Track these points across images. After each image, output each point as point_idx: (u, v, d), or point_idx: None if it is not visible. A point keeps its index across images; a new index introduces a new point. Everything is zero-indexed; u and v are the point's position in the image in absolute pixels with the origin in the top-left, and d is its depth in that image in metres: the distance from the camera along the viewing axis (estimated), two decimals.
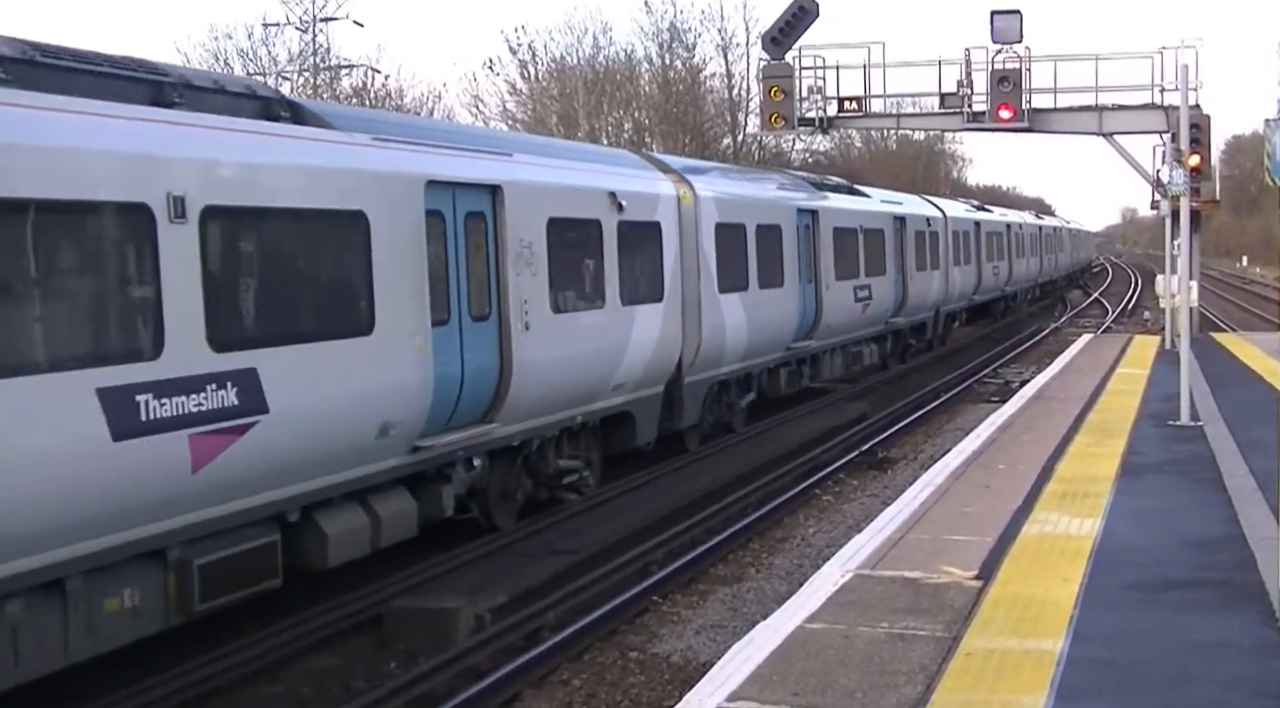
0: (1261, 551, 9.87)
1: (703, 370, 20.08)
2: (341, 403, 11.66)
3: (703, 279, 19.75)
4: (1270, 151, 8.11)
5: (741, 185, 23.28)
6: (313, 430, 11.28)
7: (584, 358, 15.99)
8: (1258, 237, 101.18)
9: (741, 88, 70.55)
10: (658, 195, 18.54)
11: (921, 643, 8.03)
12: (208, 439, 10.16)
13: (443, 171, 13.46)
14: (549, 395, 15.16)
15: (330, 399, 11.52)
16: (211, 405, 10.18)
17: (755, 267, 22.13)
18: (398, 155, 12.83)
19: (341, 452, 11.78)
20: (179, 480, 9.98)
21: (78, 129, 9.43)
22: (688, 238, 19.36)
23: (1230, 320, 48.83)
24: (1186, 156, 21.86)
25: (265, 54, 50.04)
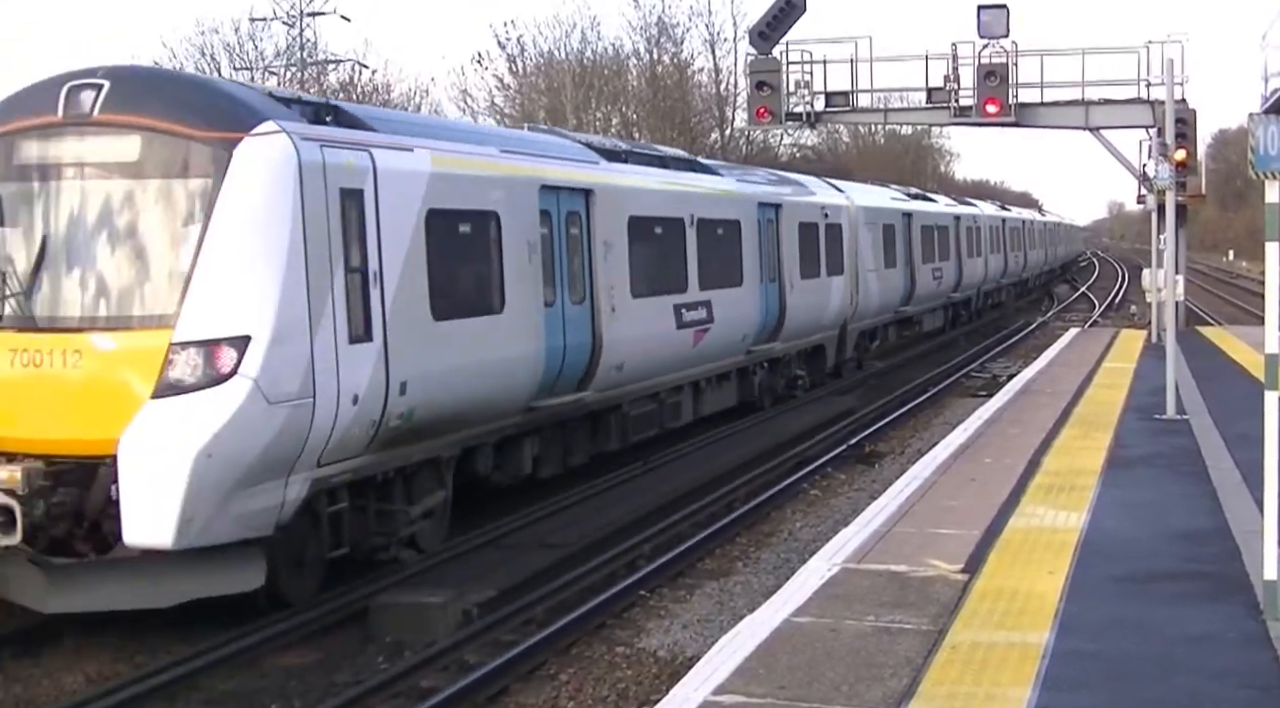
0: (1246, 543, 9.90)
1: (860, 320, 29.93)
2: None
3: (862, 255, 29.81)
4: (1255, 146, 8.12)
5: (869, 196, 33.14)
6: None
7: (663, 336, 19.42)
8: (1244, 231, 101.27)
9: (729, 83, 70.50)
10: (761, 198, 24.27)
11: (907, 636, 8.04)
12: (698, 333, 20.31)
13: (551, 177, 16.29)
14: (651, 365, 19.02)
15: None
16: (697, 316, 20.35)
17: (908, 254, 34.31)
18: (519, 163, 15.79)
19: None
20: (684, 348, 19.99)
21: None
22: (783, 236, 24.87)
23: (1216, 314, 48.96)
24: (1172, 151, 21.87)
25: (252, 49, 49.93)
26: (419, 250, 13.39)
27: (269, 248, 11.49)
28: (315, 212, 11.85)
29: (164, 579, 11.46)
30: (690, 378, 20.59)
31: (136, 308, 11.47)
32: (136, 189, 11.61)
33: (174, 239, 11.52)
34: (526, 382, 15.44)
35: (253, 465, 11.22)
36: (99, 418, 11.08)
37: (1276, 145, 8.06)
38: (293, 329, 11.48)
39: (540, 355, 15.67)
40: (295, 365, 11.49)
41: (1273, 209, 8.28)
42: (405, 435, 13.18)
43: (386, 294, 12.73)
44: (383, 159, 12.97)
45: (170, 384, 11.04)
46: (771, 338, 23.94)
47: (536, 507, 16.18)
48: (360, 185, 12.59)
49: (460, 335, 14.03)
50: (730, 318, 21.66)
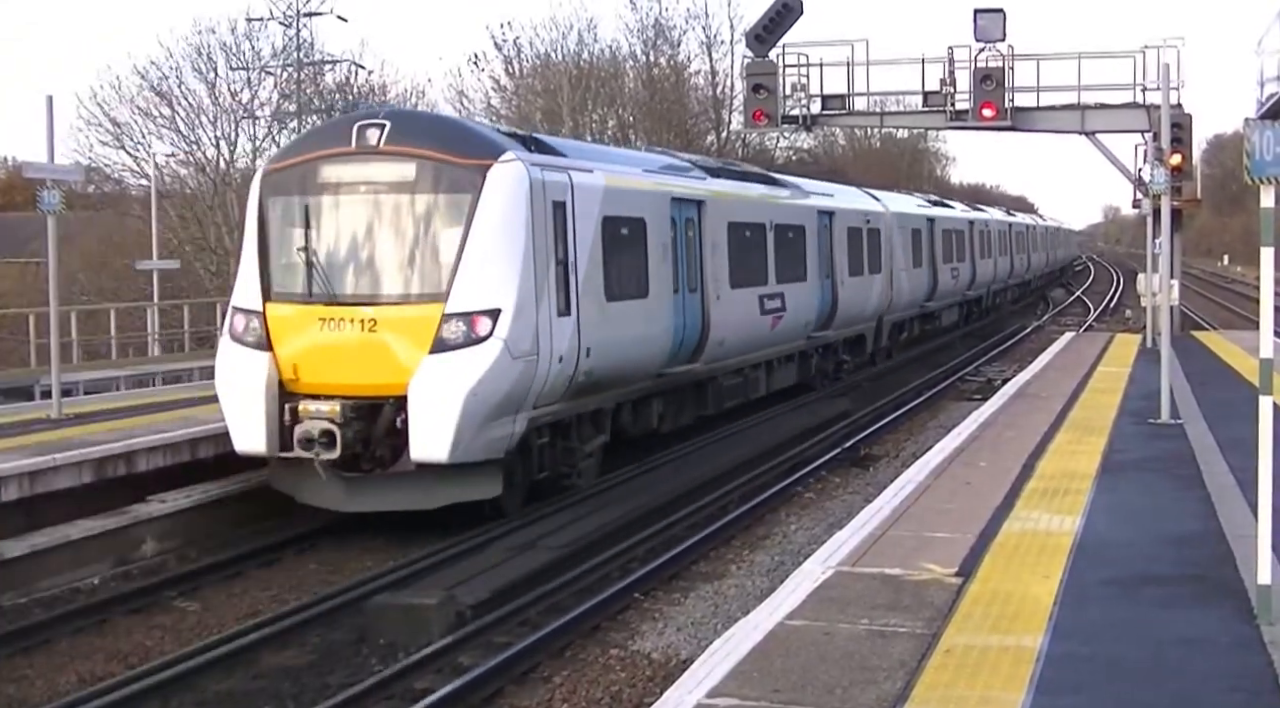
0: (1240, 547, 9.90)
1: (894, 313, 33.49)
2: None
3: (894, 256, 33.01)
4: (1250, 150, 8.13)
5: (900, 203, 36.99)
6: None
7: (751, 320, 23.06)
8: (1239, 235, 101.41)
9: (726, 85, 70.44)
10: (821, 208, 27.82)
11: (902, 640, 8.04)
12: (774, 319, 23.93)
13: (677, 191, 20.35)
14: (743, 343, 22.68)
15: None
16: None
17: (931, 255, 37.66)
18: (657, 180, 20.13)
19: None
20: (765, 331, 23.56)
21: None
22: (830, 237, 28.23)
23: (1211, 319, 48.99)
24: (1168, 155, 21.96)
25: (249, 49, 49.83)
26: (598, 247, 17.33)
27: (511, 245, 15.39)
28: (538, 218, 15.79)
29: (431, 488, 15.31)
30: (766, 357, 24.34)
31: (416, 288, 15.43)
32: (413, 201, 15.58)
33: (442, 238, 15.41)
34: (660, 352, 19.34)
35: (499, 404, 15.09)
36: (390, 369, 14.99)
37: (1272, 151, 8.06)
38: (526, 305, 15.35)
39: (669, 332, 19.54)
40: (528, 331, 15.36)
41: (1268, 214, 8.29)
42: (585, 389, 17.07)
43: (579, 280, 16.66)
44: (576, 178, 16.97)
45: (443, 343, 14.91)
46: (825, 326, 27.58)
47: (532, 509, 16.19)
48: (563, 198, 16.49)
49: (623, 313, 17.95)
50: (797, 307, 25.37)
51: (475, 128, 18.27)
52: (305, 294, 15.63)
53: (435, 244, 15.45)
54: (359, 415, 15.01)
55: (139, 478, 15.64)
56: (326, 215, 15.81)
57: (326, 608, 12.68)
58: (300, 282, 15.69)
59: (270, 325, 15.60)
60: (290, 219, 15.93)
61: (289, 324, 15.56)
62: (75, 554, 14.14)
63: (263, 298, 15.78)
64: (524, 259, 15.44)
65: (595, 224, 17.30)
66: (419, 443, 14.73)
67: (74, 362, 28.58)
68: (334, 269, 15.59)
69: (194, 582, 14.09)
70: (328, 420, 14.87)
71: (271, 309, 15.70)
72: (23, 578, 13.53)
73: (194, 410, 18.54)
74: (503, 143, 16.18)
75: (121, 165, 48.18)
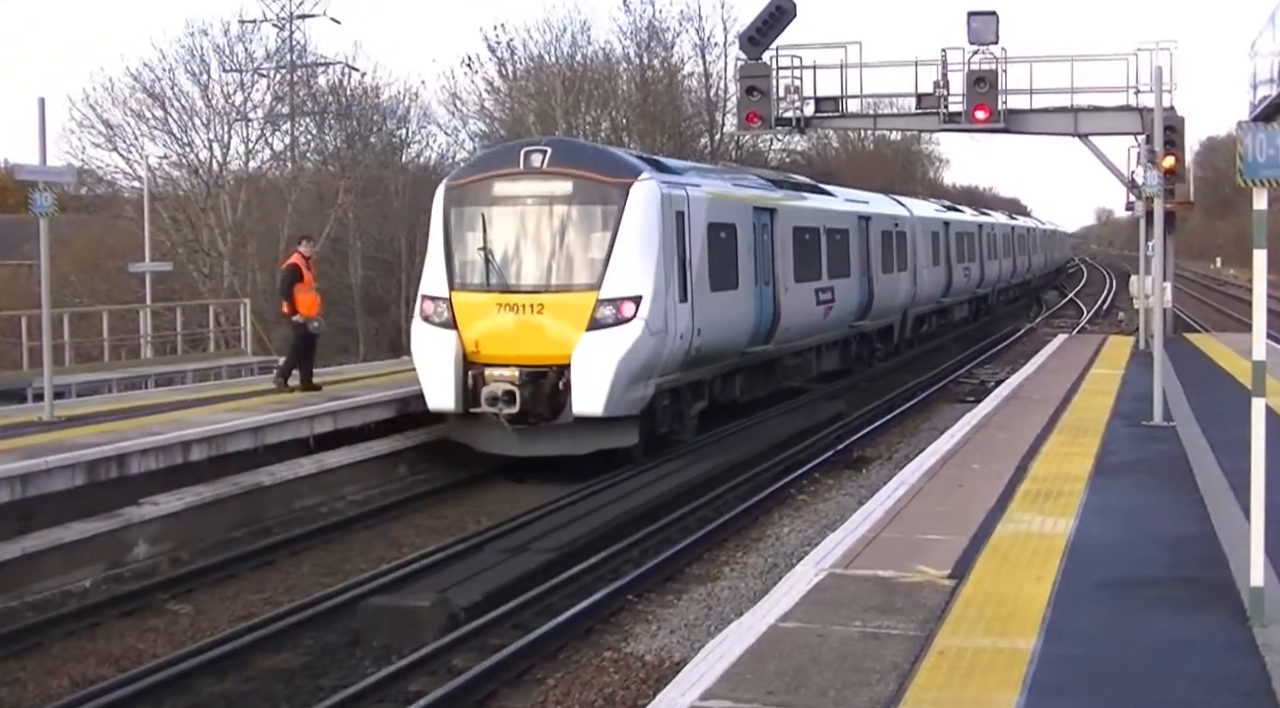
0: (1233, 549, 9.91)
1: (917, 306, 37.14)
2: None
3: (918, 256, 36.57)
4: (1243, 153, 8.14)
5: (922, 208, 40.92)
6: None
7: (809, 310, 26.60)
8: (1232, 238, 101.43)
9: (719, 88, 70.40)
10: (860, 214, 31.85)
11: (895, 642, 8.04)
12: (826, 309, 27.45)
13: (757, 201, 24.45)
14: (801, 329, 26.37)
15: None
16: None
17: (946, 255, 41.26)
18: (743, 192, 24.37)
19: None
20: (819, 319, 26.92)
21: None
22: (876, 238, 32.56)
23: (1204, 321, 49.07)
24: (1161, 158, 21.95)
25: (242, 51, 49.70)
26: (704, 247, 21.12)
27: (648, 246, 19.31)
28: (666, 225, 19.68)
29: (585, 437, 19.11)
30: (818, 343, 28.26)
31: (574, 279, 19.31)
32: (571, 211, 19.51)
33: (594, 240, 19.40)
34: (745, 334, 23.15)
35: (640, 370, 19.01)
36: (555, 343, 18.95)
37: (1265, 153, 8.08)
38: (659, 293, 19.23)
39: (752, 317, 23.35)
40: (660, 314, 19.24)
41: (1260, 217, 8.30)
42: (694, 362, 20.87)
43: (693, 273, 20.52)
44: (690, 192, 20.94)
45: (597, 323, 18.84)
46: (863, 316, 31.24)
47: (524, 510, 16.18)
48: (683, 209, 20.38)
49: (722, 301, 21.75)
50: (843, 300, 29.09)
51: (617, 153, 22.66)
52: (484, 284, 19.56)
53: (589, 245, 19.45)
54: (531, 380, 18.93)
55: (131, 481, 15.61)
56: (500, 222, 19.67)
57: (320, 610, 12.66)
58: (480, 274, 19.63)
59: (456, 309, 19.52)
60: (470, 225, 19.80)
61: (471, 308, 19.49)
62: (68, 557, 14.12)
63: (449, 287, 19.69)
64: (657, 257, 19.37)
65: (703, 229, 21.19)
66: (579, 400, 18.71)
67: (66, 364, 28.52)
68: (508, 264, 19.58)
69: (187, 584, 14.08)
70: (509, 383, 18.82)
71: (456, 296, 19.59)
72: (15, 581, 13.50)
73: (187, 413, 18.52)
74: (639, 165, 20.39)
75: (114, 167, 48.09)
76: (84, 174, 46.46)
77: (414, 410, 20.92)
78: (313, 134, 52.36)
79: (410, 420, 20.76)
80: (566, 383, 18.81)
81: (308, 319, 20.62)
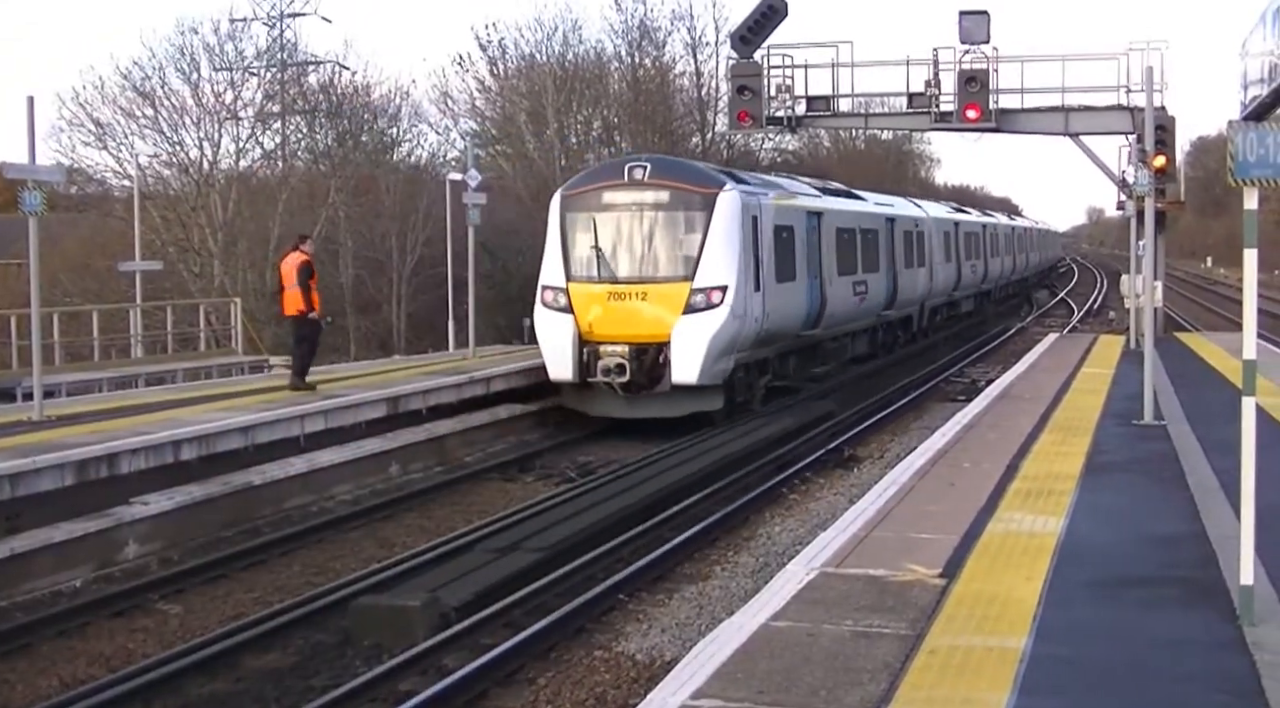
0: (1223, 549, 9.91)
1: (932, 299, 40.96)
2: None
3: (934, 254, 40.28)
4: (1234, 153, 8.13)
5: (936, 210, 44.87)
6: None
7: (847, 300, 30.40)
8: (1222, 238, 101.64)
9: (710, 87, 70.31)
10: (888, 215, 35.93)
11: (886, 641, 8.04)
12: (860, 299, 31.09)
13: (809, 206, 28.65)
14: (843, 316, 30.34)
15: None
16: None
17: (955, 253, 44.49)
18: (798, 200, 28.38)
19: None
20: (856, 308, 30.99)
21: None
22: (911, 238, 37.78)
23: (1194, 321, 49.13)
24: (1151, 158, 22.00)
25: (232, 49, 49.62)
26: (771, 246, 25.10)
27: (731, 245, 23.39)
28: (745, 227, 23.76)
29: (680, 402, 23.28)
30: (853, 329, 31.95)
31: (672, 272, 23.39)
32: (668, 216, 23.64)
33: (687, 240, 23.49)
34: (799, 320, 27.08)
35: (724, 347, 23.13)
36: (656, 324, 23.06)
37: (1255, 153, 8.08)
38: (740, 283, 23.26)
39: (805, 305, 27.28)
40: (740, 300, 23.27)
41: (1251, 216, 8.31)
42: (762, 342, 24.91)
43: (763, 268, 24.51)
44: (761, 199, 25.17)
45: (691, 308, 22.95)
46: (889, 307, 34.92)
47: (515, 509, 16.17)
48: (755, 214, 24.44)
49: (785, 291, 25.67)
50: (874, 292, 32.81)
51: (705, 167, 26.65)
52: (595, 277, 23.58)
53: (682, 243, 23.52)
54: (637, 354, 23.00)
55: (121, 480, 15.58)
56: (608, 225, 23.70)
57: (310, 610, 12.65)
58: (592, 268, 23.61)
59: (572, 297, 23.54)
60: (583, 227, 23.79)
61: (585, 296, 23.54)
62: (57, 557, 14.09)
63: (566, 279, 23.74)
64: (738, 254, 23.42)
65: (770, 231, 25.13)
66: (677, 371, 22.77)
67: (56, 363, 28.46)
68: (615, 260, 23.59)
69: (177, 584, 14.05)
70: (620, 357, 22.94)
71: (573, 287, 23.64)
72: (4, 581, 13.46)
73: (178, 412, 18.49)
74: (723, 177, 24.73)
75: (104, 166, 47.99)
76: (74, 173, 46.32)
77: (404, 410, 20.95)
78: (303, 133, 52.27)
79: (404, 419, 20.77)
80: (666, 357, 22.86)
81: (322, 316, 21.03)
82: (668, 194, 23.65)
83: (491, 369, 24.81)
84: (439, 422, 21.79)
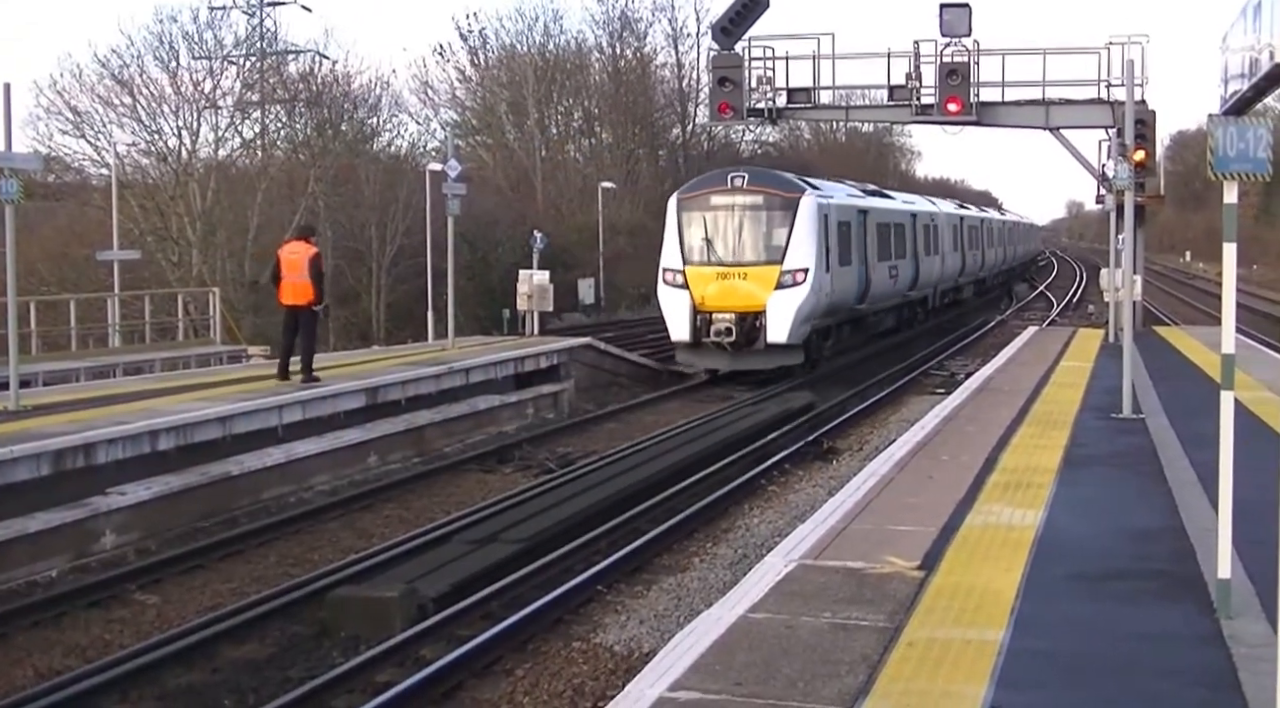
0: (1201, 542, 9.93)
1: (943, 283, 47.06)
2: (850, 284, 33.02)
3: (944, 244, 46.39)
4: (1214, 147, 8.13)
5: (945, 207, 51.03)
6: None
7: (884, 281, 36.41)
8: (1201, 232, 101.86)
9: (691, 78, 70.19)
10: (911, 211, 42.35)
11: (864, 633, 8.04)
12: (893, 281, 37.87)
13: (857, 205, 34.61)
14: (881, 295, 36.38)
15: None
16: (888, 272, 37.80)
17: (960, 244, 50.66)
18: (851, 200, 34.30)
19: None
20: (890, 288, 37.55)
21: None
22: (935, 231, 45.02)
23: (1173, 315, 49.30)
24: (1131, 152, 21.97)
25: (211, 38, 49.41)
26: (835, 237, 31.11)
27: (810, 236, 29.57)
28: (819, 223, 29.87)
29: (772, 357, 29.50)
30: (886, 307, 37.87)
31: (766, 257, 29.52)
32: (762, 214, 29.87)
33: (777, 233, 29.59)
34: (852, 297, 33.16)
35: (806, 315, 29.27)
36: (755, 298, 29.21)
37: (1235, 147, 8.08)
38: (816, 266, 29.49)
39: (855, 285, 33.28)
40: (817, 279, 29.53)
41: (1230, 210, 8.31)
42: (828, 313, 31.10)
43: (831, 255, 30.59)
44: (828, 201, 31.21)
45: (781, 285, 29.08)
46: (912, 288, 40.81)
47: (493, 500, 16.13)
48: (826, 213, 30.63)
49: (844, 273, 31.89)
50: (902, 275, 39.05)
51: (789, 176, 32.13)
52: (707, 261, 29.88)
53: (773, 236, 29.78)
54: (740, 321, 29.25)
55: (98, 470, 15.51)
56: (716, 221, 30.08)
57: (287, 601, 12.61)
58: (703, 254, 29.94)
59: (688, 277, 29.83)
60: (696, 222, 30.16)
61: (699, 276, 29.78)
62: (33, 547, 14.01)
63: (682, 263, 30.03)
64: (816, 243, 29.75)
65: (835, 226, 31.22)
66: (771, 333, 29.20)
67: (33, 353, 28.32)
68: (722, 248, 29.87)
69: (154, 575, 13.99)
70: (728, 323, 29.26)
71: (689, 269, 29.94)
72: None
73: (156, 402, 18.41)
74: (803, 185, 30.91)
75: (82, 155, 47.77)
76: (51, 161, 46.05)
77: (383, 400, 20.90)
78: (283, 122, 52.10)
79: (382, 409, 20.71)
80: (762, 323, 29.21)
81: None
82: (761, 197, 29.96)
83: (471, 360, 24.75)
84: (418, 412, 21.74)
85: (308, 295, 20.30)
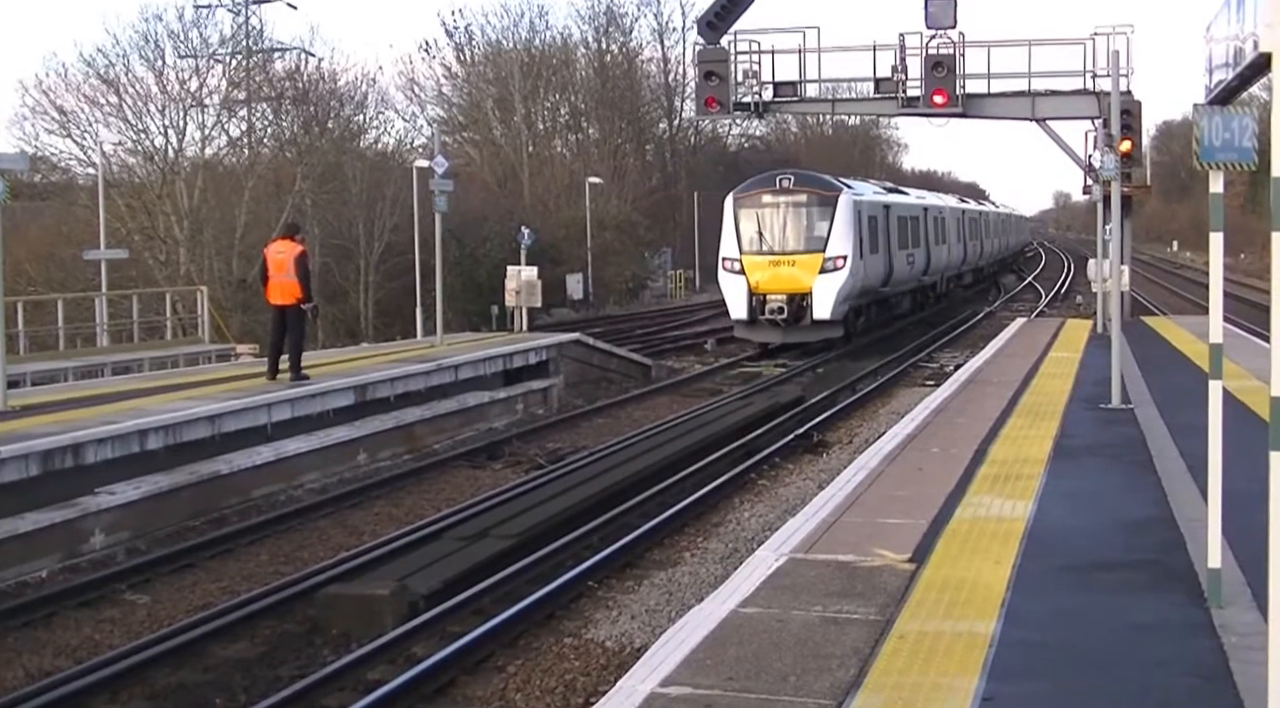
0: (1191, 532, 9.94)
1: (949, 271, 51.56)
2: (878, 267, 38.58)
3: (950, 235, 50.93)
4: (1199, 137, 8.13)
5: (950, 201, 57.08)
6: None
7: (904, 267, 41.08)
8: (1188, 222, 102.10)
9: (678, 72, 70.15)
10: (924, 206, 47.10)
11: (855, 626, 8.04)
12: (910, 267, 43.18)
13: (883, 201, 39.49)
14: (901, 279, 41.20)
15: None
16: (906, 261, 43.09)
17: (963, 235, 55.22)
18: (877, 197, 39.54)
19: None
20: (908, 274, 42.79)
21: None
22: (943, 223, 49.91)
23: (1161, 305, 49.36)
24: (1118, 142, 22.03)
25: (197, 36, 49.30)
26: (868, 229, 35.84)
27: (848, 229, 34.40)
28: (855, 217, 34.71)
29: (817, 331, 34.57)
30: (904, 290, 42.58)
31: (811, 246, 34.25)
32: (806, 210, 34.68)
33: (820, 225, 34.40)
34: (880, 281, 37.78)
35: (845, 296, 34.42)
36: (802, 281, 34.11)
37: (1220, 137, 8.08)
38: (853, 254, 34.41)
39: (881, 271, 37.77)
40: (854, 265, 34.48)
41: (1217, 200, 8.31)
42: (861, 294, 35.77)
43: (864, 244, 35.22)
44: (861, 199, 36.05)
45: (824, 270, 33.98)
46: (925, 274, 45.36)
47: (484, 496, 16.12)
48: (860, 209, 35.23)
49: (874, 260, 36.65)
50: (918, 262, 43.57)
51: (828, 177, 37.08)
52: (760, 250, 34.40)
53: (817, 228, 34.23)
54: (790, 301, 33.82)
55: (87, 470, 15.48)
56: (768, 216, 34.59)
57: (278, 599, 12.59)
58: (757, 244, 34.50)
59: (744, 264, 34.39)
60: (750, 218, 34.66)
61: (754, 264, 34.33)
62: (23, 547, 13.97)
63: (739, 252, 34.50)
64: (853, 235, 34.26)
65: (867, 219, 35.93)
66: (817, 311, 33.80)
67: (21, 353, 28.25)
68: (773, 239, 34.45)
69: (144, 574, 13.96)
70: (780, 303, 33.79)
71: (745, 257, 34.47)
72: None
73: (144, 401, 18.37)
74: (841, 185, 35.77)
75: (68, 154, 47.66)
76: (38, 161, 45.95)
77: (372, 398, 20.88)
78: (269, 120, 52.00)
79: (371, 407, 20.68)
80: (809, 303, 33.83)
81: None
82: (805, 195, 34.73)
83: (459, 356, 24.73)
84: (407, 409, 21.72)
85: (295, 294, 20.25)
